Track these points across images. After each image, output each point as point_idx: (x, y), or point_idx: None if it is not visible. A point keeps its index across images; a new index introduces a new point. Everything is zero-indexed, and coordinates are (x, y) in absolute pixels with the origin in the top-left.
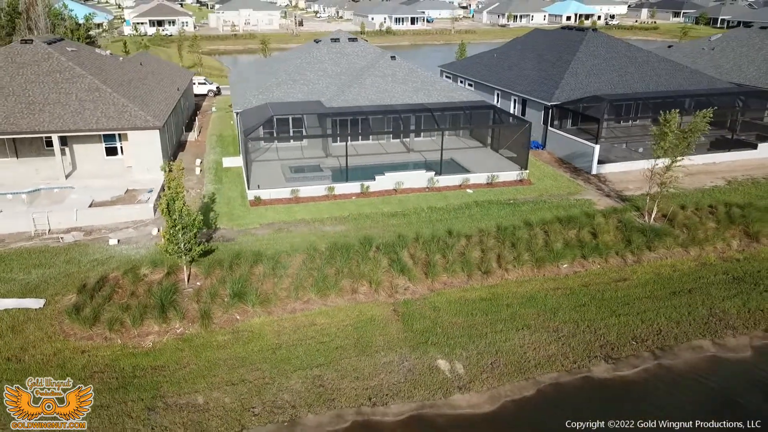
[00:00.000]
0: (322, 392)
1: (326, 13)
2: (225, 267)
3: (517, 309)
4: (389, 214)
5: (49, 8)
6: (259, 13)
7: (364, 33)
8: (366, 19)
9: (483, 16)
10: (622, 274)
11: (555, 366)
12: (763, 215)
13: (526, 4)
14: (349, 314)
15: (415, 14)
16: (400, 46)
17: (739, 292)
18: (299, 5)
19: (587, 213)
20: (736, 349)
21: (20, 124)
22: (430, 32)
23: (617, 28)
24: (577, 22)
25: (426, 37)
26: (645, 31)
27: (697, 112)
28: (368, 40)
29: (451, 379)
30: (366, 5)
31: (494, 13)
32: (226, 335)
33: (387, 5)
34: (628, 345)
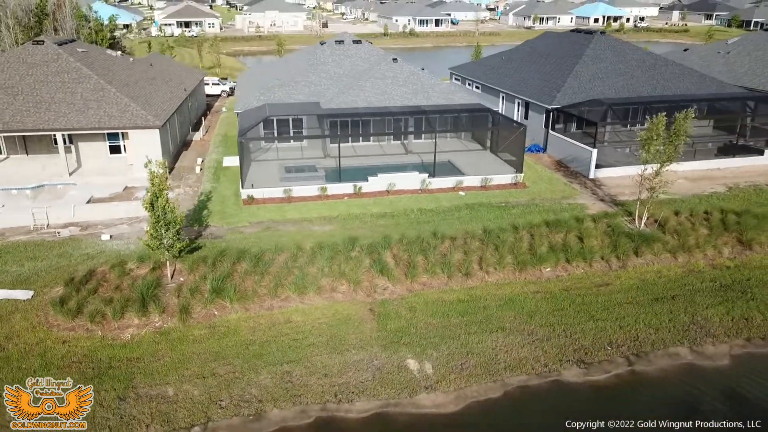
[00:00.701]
0: (289, 388)
1: (353, 14)
2: (209, 264)
3: (493, 311)
4: (378, 215)
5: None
6: (285, 15)
7: (387, 35)
8: (390, 21)
9: (509, 18)
10: (606, 279)
11: (525, 369)
12: (760, 222)
13: (552, 6)
14: (325, 312)
15: (440, 16)
16: (423, 48)
17: (725, 300)
18: (327, 7)
19: (577, 217)
20: (714, 357)
21: (26, 122)
22: (454, 34)
23: (645, 30)
24: (605, 25)
25: (449, 39)
26: (674, 34)
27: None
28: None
29: (418, 378)
30: (391, 7)
31: (520, 15)
32: (202, 330)
33: (411, 7)
34: (603, 350)
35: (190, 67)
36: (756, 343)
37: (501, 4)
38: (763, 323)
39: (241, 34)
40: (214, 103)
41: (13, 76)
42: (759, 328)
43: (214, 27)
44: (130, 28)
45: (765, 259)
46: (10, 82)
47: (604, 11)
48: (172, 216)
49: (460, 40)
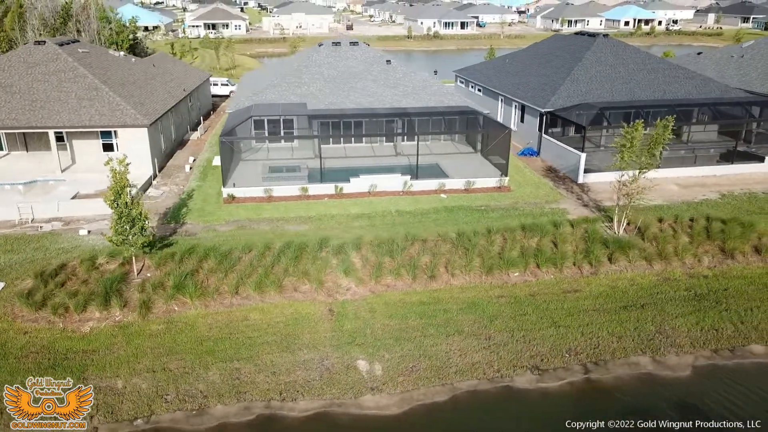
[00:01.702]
0: (236, 384)
1: (380, 17)
2: (176, 260)
3: (454, 314)
4: (355, 216)
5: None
6: (311, 17)
7: (410, 37)
8: (415, 24)
9: (537, 21)
10: (575, 286)
11: (476, 373)
12: (745, 231)
13: (582, 8)
14: (283, 311)
15: (465, 19)
16: (446, 51)
17: (697, 309)
18: (356, 10)
19: (555, 222)
20: (675, 368)
21: (20, 120)
22: (479, 37)
23: (677, 33)
24: (635, 28)
25: (474, 41)
26: (707, 37)
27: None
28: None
29: (366, 379)
30: (417, 10)
31: (548, 18)
32: (160, 325)
33: (437, 10)
34: (561, 357)
35: (194, 68)
36: (723, 355)
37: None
38: (734, 335)
39: (266, 36)
40: (221, 103)
41: (12, 75)
42: (728, 340)
43: (241, 29)
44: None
45: (746, 269)
46: (10, 80)
47: (635, 14)
48: (135, 212)
49: (485, 42)
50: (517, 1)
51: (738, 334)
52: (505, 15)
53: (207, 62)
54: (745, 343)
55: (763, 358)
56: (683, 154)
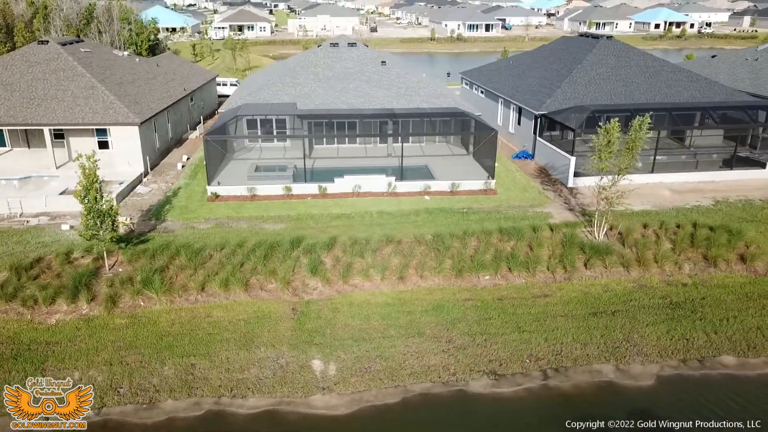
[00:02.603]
0: (189, 380)
1: (407, 19)
2: (148, 256)
3: (417, 316)
4: (335, 216)
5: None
6: (337, 19)
7: (434, 39)
8: (439, 26)
9: (564, 23)
10: (546, 291)
11: (431, 376)
12: (732, 239)
13: (611, 11)
14: (246, 309)
15: (490, 21)
16: (469, 53)
17: (670, 318)
18: (384, 12)
19: (534, 226)
20: (638, 377)
21: (17, 117)
22: (503, 39)
23: (709, 36)
24: (665, 31)
25: (498, 44)
26: (741, 40)
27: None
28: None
29: (318, 379)
30: (442, 12)
31: (575, 21)
32: (124, 319)
33: (462, 12)
34: (521, 362)
35: (200, 68)
36: (690, 365)
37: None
38: (706, 345)
39: (290, 37)
40: None
41: (14, 73)
42: (699, 350)
43: (265, 31)
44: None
45: (728, 277)
46: (11, 79)
47: (666, 16)
48: (106, 207)
49: (509, 45)
50: (547, 4)
51: (710, 344)
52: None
53: (226, 63)
54: (716, 354)
55: (733, 370)
56: (684, 159)
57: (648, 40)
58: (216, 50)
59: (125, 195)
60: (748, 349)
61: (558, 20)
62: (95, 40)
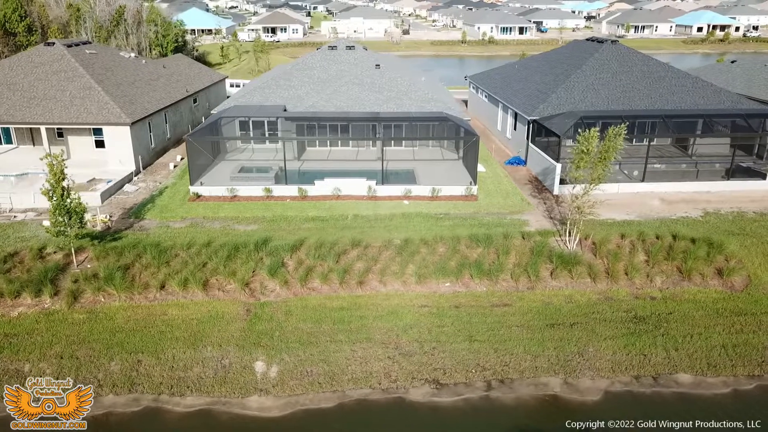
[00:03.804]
0: (133, 376)
1: (442, 22)
2: (116, 253)
3: (370, 321)
4: (309, 218)
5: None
6: (369, 21)
7: (465, 42)
8: (472, 29)
9: (602, 26)
10: (506, 300)
11: (371, 383)
12: (711, 252)
13: (652, 13)
14: (201, 309)
15: (524, 24)
16: (499, 56)
17: (631, 332)
18: (421, 14)
19: (507, 233)
20: (585, 392)
21: (16, 116)
22: (536, 42)
23: (755, 40)
24: (708, 33)
25: (530, 47)
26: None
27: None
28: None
29: (258, 380)
30: (476, 14)
31: (613, 24)
32: (83, 314)
33: (495, 15)
34: (466, 372)
35: (211, 70)
36: (643, 382)
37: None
38: (663, 361)
39: (322, 39)
40: None
41: (18, 73)
42: (655, 366)
43: (298, 33)
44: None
45: (701, 292)
46: (15, 79)
47: (710, 19)
48: (72, 204)
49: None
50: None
51: (668, 361)
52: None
53: (251, 65)
54: (672, 371)
55: (687, 389)
56: (684, 168)
57: (688, 44)
58: (245, 52)
59: (112, 193)
60: (708, 367)
61: (596, 23)
62: (123, 42)
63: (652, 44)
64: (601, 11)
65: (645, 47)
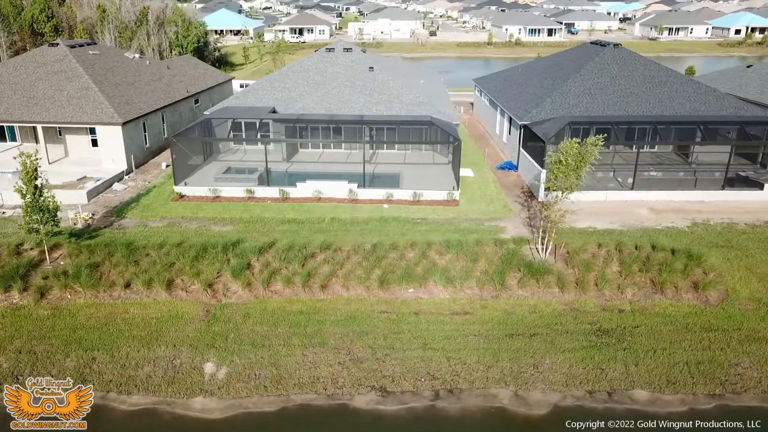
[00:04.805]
0: (86, 373)
1: (472, 23)
2: (89, 251)
3: (326, 326)
4: (286, 220)
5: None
6: (396, 23)
7: (491, 44)
8: (500, 30)
9: (635, 28)
10: (468, 308)
11: (317, 388)
12: (689, 264)
13: (688, 15)
14: (162, 308)
15: (553, 26)
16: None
17: (592, 345)
18: (452, 15)
19: (479, 240)
20: (534, 405)
21: (15, 115)
22: (563, 44)
23: None
24: (746, 36)
25: (557, 49)
26: None
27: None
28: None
29: (205, 382)
30: (505, 15)
31: (647, 26)
32: (48, 310)
33: (524, 16)
34: (415, 381)
35: (218, 71)
36: (597, 397)
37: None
38: (621, 377)
39: (348, 40)
40: None
41: (21, 73)
42: (611, 382)
43: (324, 34)
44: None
45: (672, 306)
46: (17, 78)
47: (748, 21)
48: (44, 202)
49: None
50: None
51: (626, 376)
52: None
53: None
54: (629, 387)
55: (641, 405)
56: (682, 176)
57: (723, 47)
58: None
59: (100, 191)
60: (667, 384)
61: (629, 25)
62: (144, 43)
63: (685, 47)
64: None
65: (678, 50)
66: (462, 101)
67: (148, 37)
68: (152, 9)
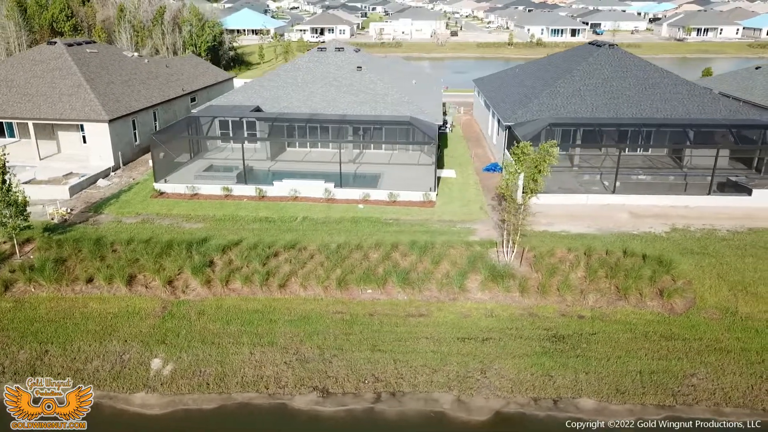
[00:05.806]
0: (36, 365)
1: (497, 23)
2: (59, 245)
3: (279, 325)
4: (258, 219)
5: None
6: (418, 23)
7: (511, 44)
8: (522, 30)
9: (663, 28)
10: (424, 310)
11: (258, 387)
12: (658, 270)
13: (718, 15)
14: (120, 304)
15: (577, 26)
16: None
17: (544, 351)
18: (478, 15)
19: (447, 242)
20: (474, 411)
21: (8, 111)
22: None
23: None
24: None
25: None
26: None
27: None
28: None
29: (150, 378)
30: (528, 16)
31: (675, 26)
32: (10, 303)
33: (547, 16)
34: (358, 383)
35: (219, 70)
36: (541, 405)
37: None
38: (570, 384)
39: (368, 40)
40: None
41: (18, 71)
42: (558, 389)
43: (345, 33)
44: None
45: (634, 313)
46: (13, 76)
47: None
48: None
49: None
50: (655, 8)
51: (575, 384)
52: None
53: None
54: (576, 396)
55: (585, 414)
56: (672, 180)
57: (754, 48)
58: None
59: (83, 187)
60: (615, 393)
61: (657, 25)
62: (159, 42)
63: (713, 48)
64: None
65: (705, 51)
66: (465, 102)
67: (163, 36)
68: (169, 8)
